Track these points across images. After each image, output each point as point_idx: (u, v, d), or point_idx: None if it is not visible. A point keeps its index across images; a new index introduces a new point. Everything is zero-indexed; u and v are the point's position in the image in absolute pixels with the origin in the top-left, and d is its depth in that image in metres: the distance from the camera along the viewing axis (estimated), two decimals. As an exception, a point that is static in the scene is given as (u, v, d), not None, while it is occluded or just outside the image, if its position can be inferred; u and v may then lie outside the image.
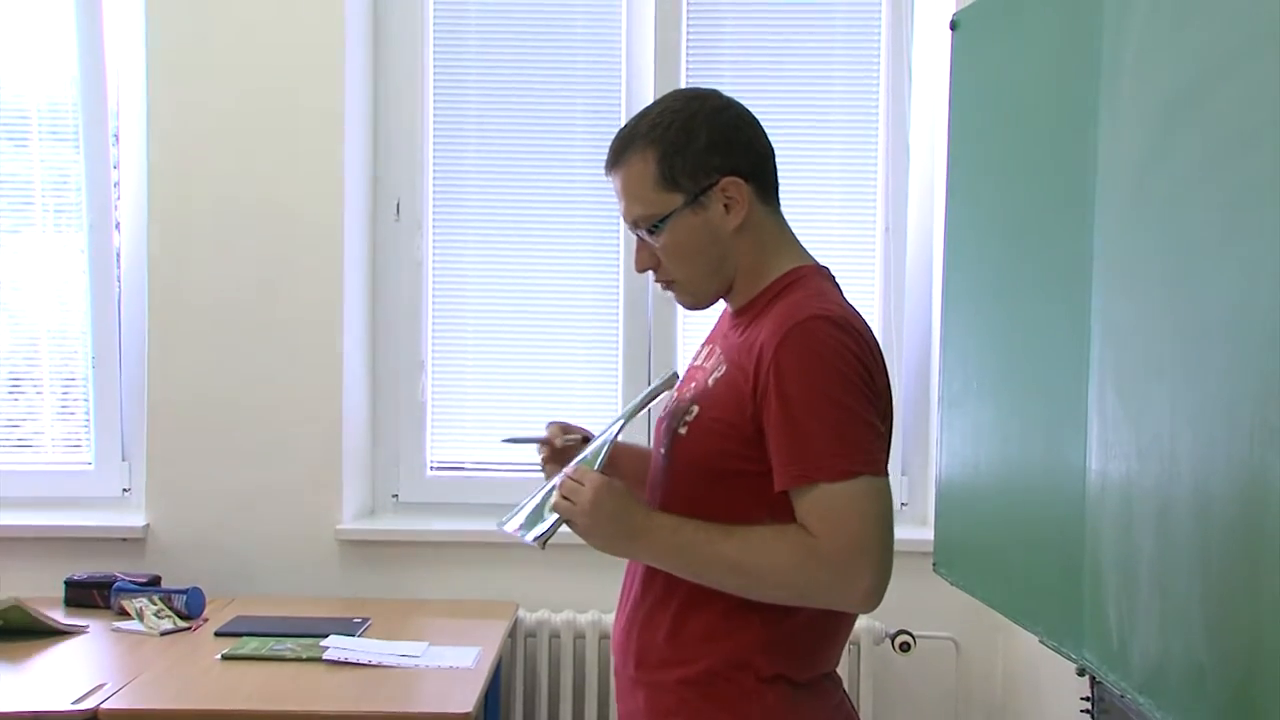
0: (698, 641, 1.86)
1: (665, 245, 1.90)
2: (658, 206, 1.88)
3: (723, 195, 1.88)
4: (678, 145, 1.87)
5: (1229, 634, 1.60)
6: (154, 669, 2.85)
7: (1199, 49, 1.73)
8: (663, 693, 1.89)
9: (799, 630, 1.86)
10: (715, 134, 1.88)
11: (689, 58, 3.69)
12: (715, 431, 1.86)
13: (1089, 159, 2.05)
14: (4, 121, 3.79)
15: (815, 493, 1.75)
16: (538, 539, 1.87)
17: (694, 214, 1.88)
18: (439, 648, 3.01)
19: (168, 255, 3.59)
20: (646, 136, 1.88)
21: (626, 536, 1.84)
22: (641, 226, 1.91)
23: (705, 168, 1.87)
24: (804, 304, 1.83)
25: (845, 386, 1.77)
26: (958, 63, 2.77)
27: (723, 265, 1.92)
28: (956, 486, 2.68)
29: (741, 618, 1.84)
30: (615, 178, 1.93)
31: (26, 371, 3.83)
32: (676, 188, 1.87)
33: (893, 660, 3.50)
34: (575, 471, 1.85)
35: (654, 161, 1.87)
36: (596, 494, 1.80)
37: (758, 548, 1.78)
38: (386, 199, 3.76)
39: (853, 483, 1.74)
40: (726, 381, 1.87)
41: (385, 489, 3.80)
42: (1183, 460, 1.71)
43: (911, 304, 3.68)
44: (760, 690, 1.84)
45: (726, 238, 1.90)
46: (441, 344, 3.79)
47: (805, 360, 1.76)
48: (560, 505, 1.83)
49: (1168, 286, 1.79)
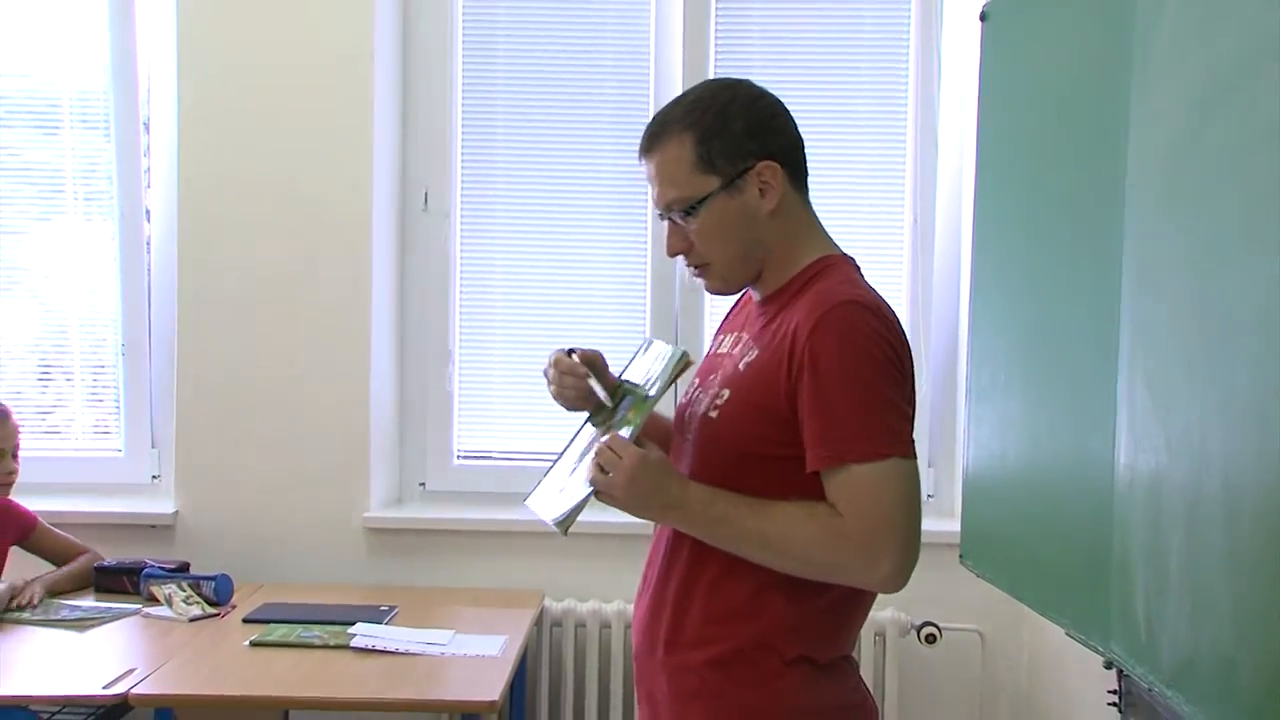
0: (724, 622, 1.88)
1: (700, 228, 1.90)
2: (694, 189, 1.89)
3: (758, 179, 1.89)
4: (715, 129, 1.88)
5: (1260, 628, 1.59)
6: (183, 655, 2.87)
7: (1231, 43, 1.72)
8: (687, 674, 1.90)
9: (822, 612, 1.88)
10: (751, 119, 1.90)
11: (717, 48, 3.69)
12: (747, 415, 1.87)
13: (1119, 152, 2.04)
14: (35, 110, 3.83)
15: (845, 473, 1.78)
16: (558, 522, 1.88)
17: (730, 197, 1.89)
18: (465, 636, 3.02)
19: (197, 243, 3.61)
20: (683, 121, 1.90)
21: (661, 508, 1.86)
22: (676, 210, 1.91)
23: (742, 151, 1.88)
24: (837, 290, 1.85)
25: (877, 370, 1.80)
26: (987, 54, 2.75)
27: (755, 249, 1.93)
28: (984, 478, 2.68)
29: (768, 599, 1.86)
30: (649, 162, 1.94)
31: (57, 359, 3.86)
32: (713, 170, 1.88)
33: (918, 652, 3.49)
34: (612, 441, 1.84)
35: (691, 145, 1.88)
36: (634, 467, 1.81)
37: (787, 524, 1.80)
38: (415, 189, 3.77)
39: (882, 464, 1.77)
40: (758, 366, 1.88)
41: (412, 477, 3.81)
42: (1213, 454, 1.70)
43: (939, 296, 3.67)
44: (784, 671, 1.86)
45: (761, 221, 1.91)
46: (469, 333, 3.80)
47: (839, 344, 1.78)
48: (597, 478, 1.83)
49: (1198, 280, 1.78)
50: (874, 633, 3.44)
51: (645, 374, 2.01)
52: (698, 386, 2.02)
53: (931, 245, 3.68)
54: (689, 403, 2.01)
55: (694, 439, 1.95)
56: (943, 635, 3.45)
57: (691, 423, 1.97)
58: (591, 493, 1.85)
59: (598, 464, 1.83)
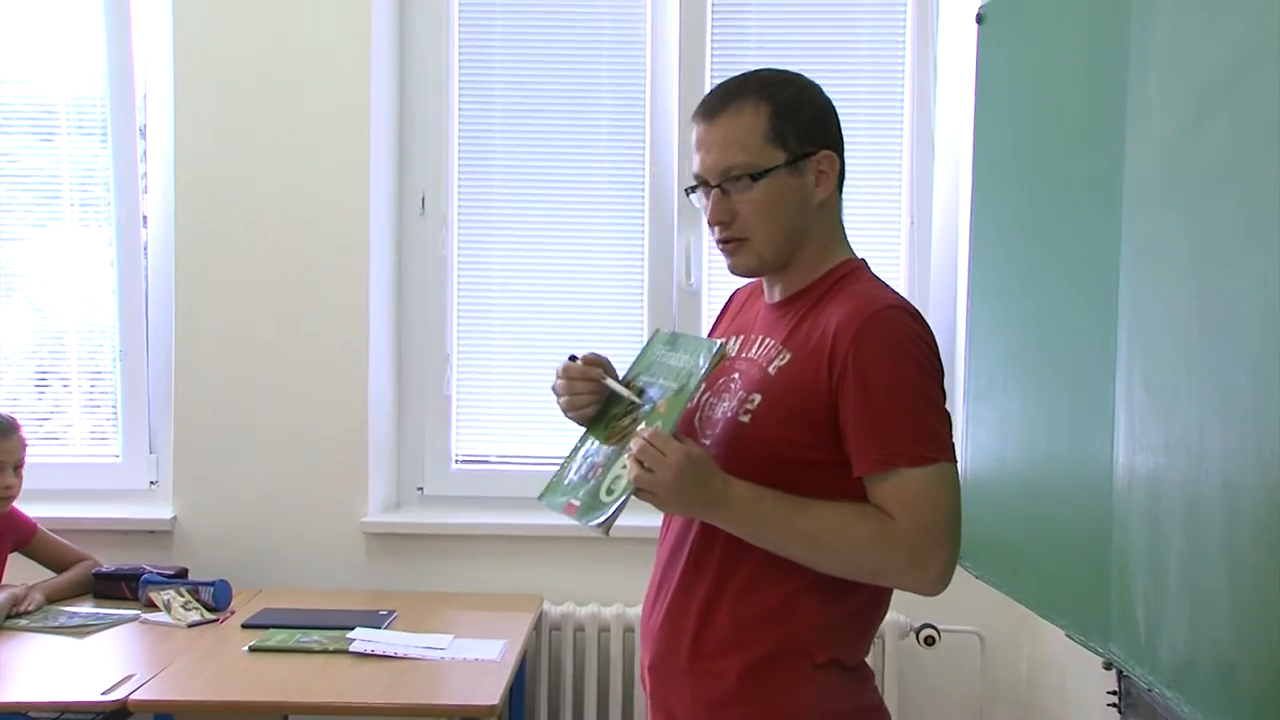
0: (755, 627, 1.86)
1: (755, 199, 1.89)
2: (760, 159, 1.88)
3: (817, 167, 1.90)
4: (791, 107, 1.90)
5: (1259, 629, 1.59)
6: (182, 660, 2.87)
7: (1227, 42, 1.72)
8: (715, 680, 1.88)
9: (851, 615, 1.89)
10: (819, 110, 1.93)
11: (714, 52, 3.69)
12: (783, 420, 1.85)
13: (1116, 153, 2.04)
14: (32, 116, 3.83)
15: (896, 477, 1.77)
16: (601, 525, 1.81)
17: (791, 176, 1.89)
18: (464, 640, 3.02)
19: (194, 249, 3.61)
20: (759, 92, 1.90)
21: (704, 504, 1.81)
22: (735, 174, 1.89)
23: (811, 136, 1.90)
24: (875, 295, 1.86)
25: (922, 374, 1.81)
26: (983, 56, 2.76)
27: (797, 235, 1.92)
28: (983, 480, 2.68)
29: (801, 603, 1.85)
30: (713, 127, 1.91)
31: (54, 366, 3.86)
32: (782, 146, 1.88)
33: (918, 654, 3.49)
34: (653, 438, 1.78)
35: (766, 116, 1.88)
36: (679, 464, 1.75)
37: (836, 526, 1.79)
38: (411, 194, 3.77)
39: (931, 468, 1.77)
40: (793, 370, 1.86)
41: (410, 482, 3.81)
42: (1211, 455, 1.70)
43: (936, 297, 3.67)
44: (814, 674, 1.85)
45: (809, 209, 1.92)
46: (466, 337, 3.80)
47: (885, 348, 1.79)
48: (640, 477, 1.76)
49: (1196, 280, 1.79)
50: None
51: (675, 367, 1.94)
52: (707, 391, 1.99)
53: (929, 247, 3.69)
54: (698, 407, 1.98)
55: (719, 444, 1.91)
56: (942, 637, 3.44)
57: (707, 427, 1.94)
58: (632, 490, 1.79)
59: (638, 460, 1.77)
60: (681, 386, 1.88)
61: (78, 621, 3.11)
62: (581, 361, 2.00)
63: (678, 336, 2.03)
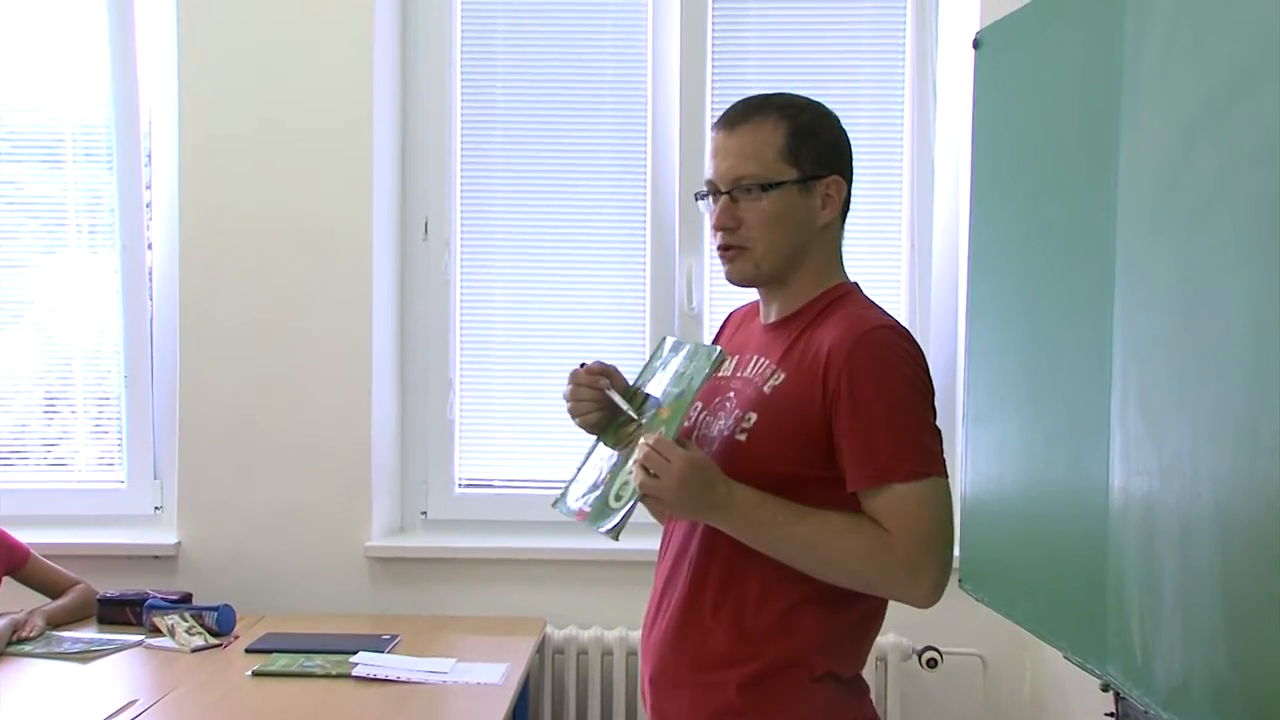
0: (756, 641, 1.89)
1: (763, 209, 1.94)
2: (773, 172, 1.94)
3: (825, 190, 1.96)
4: (809, 130, 1.96)
5: (1252, 650, 1.60)
6: (185, 686, 2.87)
7: (1218, 65, 1.74)
8: (715, 692, 1.91)
9: (849, 628, 1.93)
10: (835, 138, 2.00)
11: (714, 77, 3.71)
12: (779, 438, 1.89)
13: (1111, 176, 2.06)
14: (39, 143, 3.86)
15: (889, 492, 1.82)
16: (610, 531, 1.86)
17: (799, 194, 1.95)
18: (467, 664, 3.02)
19: (199, 274, 3.63)
20: (782, 110, 1.96)
21: (708, 508, 1.86)
22: (746, 183, 1.94)
23: (824, 160, 1.96)
24: (866, 316, 1.92)
25: (912, 392, 1.88)
26: (980, 81, 2.78)
27: (798, 252, 1.97)
28: (982, 502, 2.69)
29: (800, 616, 1.88)
30: (732, 135, 1.97)
31: (61, 392, 3.87)
32: (795, 164, 1.94)
33: (920, 677, 3.49)
34: (657, 444, 1.82)
35: (784, 133, 1.94)
36: (683, 469, 1.80)
37: (833, 537, 1.83)
38: (414, 218, 3.79)
39: (923, 483, 1.83)
40: (788, 389, 1.90)
41: (414, 506, 3.82)
42: (1204, 477, 1.71)
43: (936, 319, 3.68)
44: (812, 688, 1.89)
45: (813, 230, 1.97)
46: (469, 362, 3.82)
47: (877, 367, 1.85)
48: (646, 482, 1.81)
49: (1189, 302, 1.80)
50: (876, 658, 3.44)
51: (677, 372, 1.99)
52: (703, 409, 2.02)
53: (929, 270, 3.70)
54: (694, 426, 2.02)
55: (717, 461, 1.91)
56: (944, 660, 3.44)
57: (704, 445, 1.96)
58: (637, 499, 1.84)
59: (643, 467, 1.82)
60: (683, 391, 1.93)
61: (81, 647, 3.12)
62: (585, 370, 2.05)
63: (682, 343, 2.07)
